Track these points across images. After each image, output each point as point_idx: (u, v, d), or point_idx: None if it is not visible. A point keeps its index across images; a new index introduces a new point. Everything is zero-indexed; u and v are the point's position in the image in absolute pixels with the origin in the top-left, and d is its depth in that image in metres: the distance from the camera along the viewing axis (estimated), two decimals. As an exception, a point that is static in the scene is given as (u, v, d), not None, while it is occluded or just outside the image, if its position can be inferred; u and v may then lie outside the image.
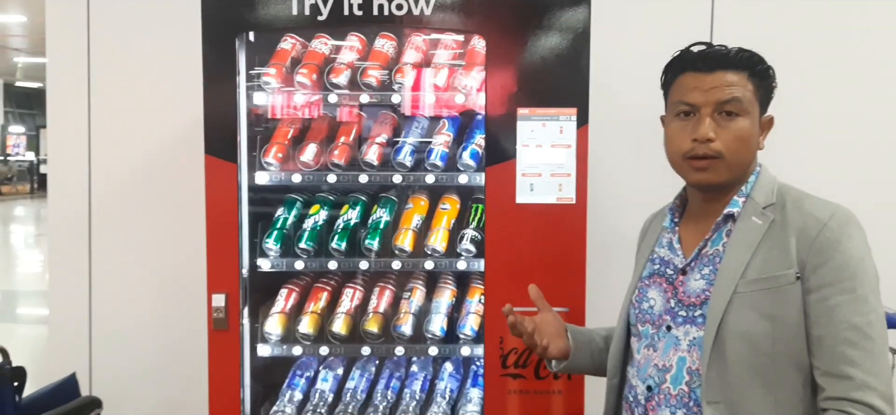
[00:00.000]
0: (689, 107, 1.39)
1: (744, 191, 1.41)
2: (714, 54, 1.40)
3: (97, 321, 3.07)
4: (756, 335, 1.31)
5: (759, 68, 1.39)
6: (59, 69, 3.02)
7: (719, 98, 1.36)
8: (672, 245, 1.49)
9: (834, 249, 1.28)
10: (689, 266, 1.43)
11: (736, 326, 1.32)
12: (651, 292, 1.49)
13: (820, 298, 1.28)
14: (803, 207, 1.34)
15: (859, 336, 1.25)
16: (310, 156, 2.49)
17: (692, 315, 1.39)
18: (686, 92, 1.40)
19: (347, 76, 2.45)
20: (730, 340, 1.32)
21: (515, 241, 2.33)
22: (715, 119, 1.36)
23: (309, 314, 2.56)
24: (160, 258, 3.03)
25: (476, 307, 2.54)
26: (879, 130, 2.92)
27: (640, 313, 1.50)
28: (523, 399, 2.38)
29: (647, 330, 1.47)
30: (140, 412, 3.03)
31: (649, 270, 1.53)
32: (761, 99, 1.41)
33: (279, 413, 2.55)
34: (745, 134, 1.37)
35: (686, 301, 1.41)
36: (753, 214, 1.38)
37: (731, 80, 1.37)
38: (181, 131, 2.96)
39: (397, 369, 2.77)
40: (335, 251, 2.52)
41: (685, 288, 1.42)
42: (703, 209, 1.47)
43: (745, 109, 1.37)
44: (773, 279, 1.31)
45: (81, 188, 3.02)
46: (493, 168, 2.32)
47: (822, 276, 1.28)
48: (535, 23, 2.29)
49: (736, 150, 1.37)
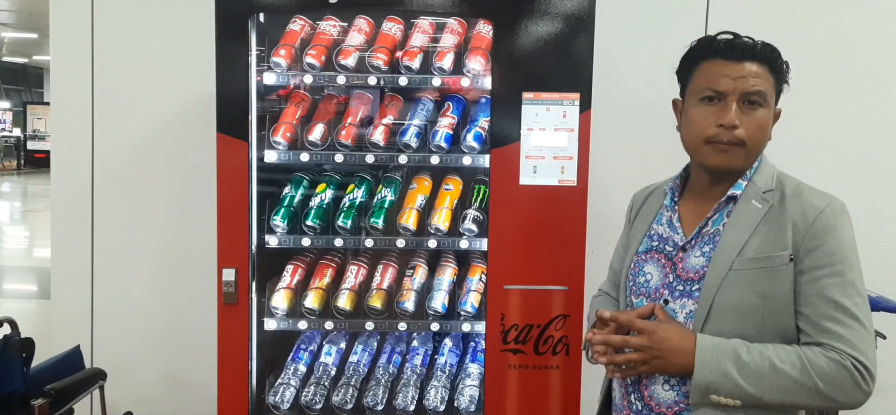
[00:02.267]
0: (716, 93, 1.43)
1: (747, 175, 1.48)
2: (743, 45, 1.44)
3: (99, 296, 3.11)
4: (747, 309, 1.39)
5: (778, 63, 1.46)
6: (62, 45, 3.05)
7: (746, 88, 1.41)
8: (672, 223, 1.55)
9: (828, 235, 1.37)
10: (690, 243, 1.50)
11: (729, 299, 1.40)
12: (648, 267, 1.54)
13: (810, 279, 1.37)
14: (802, 196, 1.42)
15: (846, 315, 1.34)
16: (317, 135, 2.54)
17: (689, 289, 1.46)
18: (714, 79, 1.44)
19: (355, 58, 2.51)
20: (722, 313, 1.40)
21: (518, 221, 2.41)
22: (740, 108, 1.42)
23: (314, 290, 2.62)
24: (162, 234, 3.08)
25: (476, 285, 2.61)
26: (870, 127, 3.02)
27: (636, 286, 1.55)
28: (523, 374, 2.46)
29: (641, 302, 1.53)
30: (141, 385, 3.10)
31: (646, 246, 1.57)
32: (777, 92, 1.47)
33: (284, 386, 2.62)
34: (764, 124, 1.44)
35: (684, 276, 1.47)
36: (754, 198, 1.45)
37: (756, 72, 1.42)
38: (184, 109, 3.00)
39: (398, 344, 2.84)
40: (341, 229, 2.58)
41: (684, 264, 1.48)
42: (706, 191, 1.53)
43: (767, 101, 1.43)
44: (769, 259, 1.39)
45: (85, 164, 3.05)
46: (498, 150, 2.39)
47: (815, 258, 1.37)
48: (541, 9, 2.35)
49: (756, 139, 1.43)
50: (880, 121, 3.03)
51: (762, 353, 1.35)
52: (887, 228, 3.01)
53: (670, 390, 1.45)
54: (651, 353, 1.41)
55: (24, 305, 6.46)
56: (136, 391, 3.05)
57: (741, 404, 1.36)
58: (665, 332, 1.41)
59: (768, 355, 1.35)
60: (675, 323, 1.44)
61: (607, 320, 1.48)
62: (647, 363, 1.42)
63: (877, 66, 3.01)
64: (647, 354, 1.41)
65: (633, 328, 1.44)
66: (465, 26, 2.61)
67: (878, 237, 2.80)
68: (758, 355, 1.35)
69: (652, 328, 1.42)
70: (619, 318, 1.46)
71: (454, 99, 2.64)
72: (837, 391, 1.33)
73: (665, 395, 1.46)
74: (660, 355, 1.40)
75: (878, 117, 3.03)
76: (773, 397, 1.34)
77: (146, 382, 3.10)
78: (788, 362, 1.34)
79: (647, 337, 1.41)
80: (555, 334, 2.44)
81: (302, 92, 2.68)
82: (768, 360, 1.34)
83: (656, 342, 1.40)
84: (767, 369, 1.34)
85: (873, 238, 2.47)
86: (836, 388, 1.33)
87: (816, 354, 1.34)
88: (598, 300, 1.78)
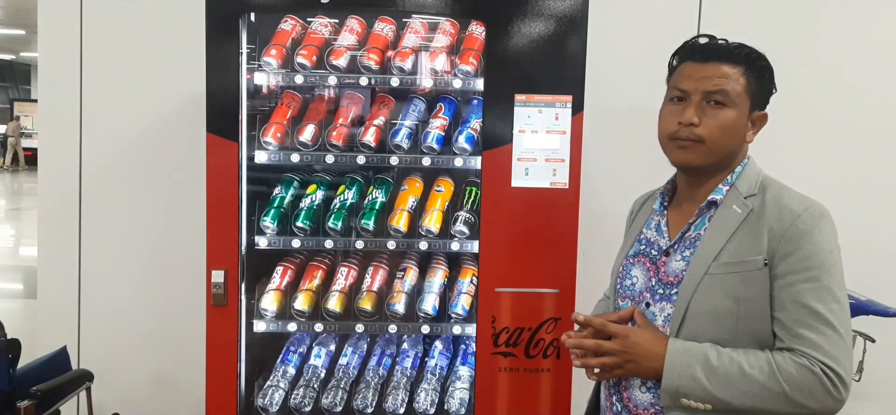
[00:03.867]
0: (682, 92, 1.47)
1: (729, 180, 1.49)
2: (712, 47, 1.47)
3: (86, 296, 3.08)
4: (720, 313, 1.40)
5: (757, 64, 1.46)
6: (50, 42, 3.01)
7: (707, 88, 1.43)
8: (660, 227, 1.57)
9: (803, 239, 1.36)
10: (672, 248, 1.51)
11: (704, 303, 1.41)
12: (635, 271, 1.57)
13: (785, 284, 1.36)
14: (781, 200, 1.42)
15: (819, 322, 1.33)
16: (308, 136, 2.52)
17: (668, 293, 1.48)
18: (681, 79, 1.48)
19: (347, 59, 2.49)
20: (697, 316, 1.41)
21: (510, 223, 2.40)
22: (702, 107, 1.44)
23: (304, 292, 2.61)
24: (151, 234, 3.05)
25: (467, 288, 2.60)
26: (862, 128, 3.03)
27: (622, 289, 1.58)
28: (513, 377, 2.46)
29: (627, 304, 1.55)
30: (129, 386, 3.07)
31: (635, 250, 1.60)
32: (754, 95, 1.47)
33: (272, 388, 2.61)
34: (729, 124, 1.44)
35: (665, 280, 1.49)
36: (734, 203, 1.46)
37: (724, 73, 1.44)
38: (173, 108, 2.98)
39: (388, 347, 2.83)
40: (331, 230, 2.56)
41: (666, 268, 1.50)
42: (687, 194, 1.55)
43: (733, 102, 1.43)
44: (743, 264, 1.39)
45: (72, 163, 3.02)
46: (490, 152, 2.38)
47: (790, 263, 1.36)
48: (533, 10, 2.35)
49: (717, 138, 1.44)
50: (870, 122, 3.03)
51: (732, 358, 1.36)
52: (877, 230, 3.02)
53: (647, 393, 1.47)
54: (624, 356, 1.44)
55: (9, 305, 6.39)
56: (123, 393, 3.02)
57: (712, 409, 1.37)
58: (638, 337, 1.44)
59: (738, 359, 1.35)
60: (650, 327, 1.47)
61: (582, 323, 1.52)
62: (621, 367, 1.46)
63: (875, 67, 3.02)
64: (620, 357, 1.45)
65: (607, 332, 1.48)
66: (457, 27, 2.60)
67: (868, 240, 2.82)
68: (727, 360, 1.36)
69: (625, 333, 1.45)
70: (592, 322, 1.50)
71: (446, 100, 2.63)
72: (806, 398, 1.32)
73: (642, 397, 1.48)
74: (632, 359, 1.43)
75: (869, 118, 3.03)
76: (743, 402, 1.35)
77: (134, 383, 3.08)
78: (757, 367, 1.34)
79: (620, 341, 1.45)
80: (546, 336, 2.44)
81: (293, 92, 2.66)
82: (737, 365, 1.35)
83: (628, 347, 1.44)
84: (736, 374, 1.34)
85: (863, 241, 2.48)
86: (805, 394, 1.32)
87: (786, 359, 1.34)
88: (599, 304, 1.81)
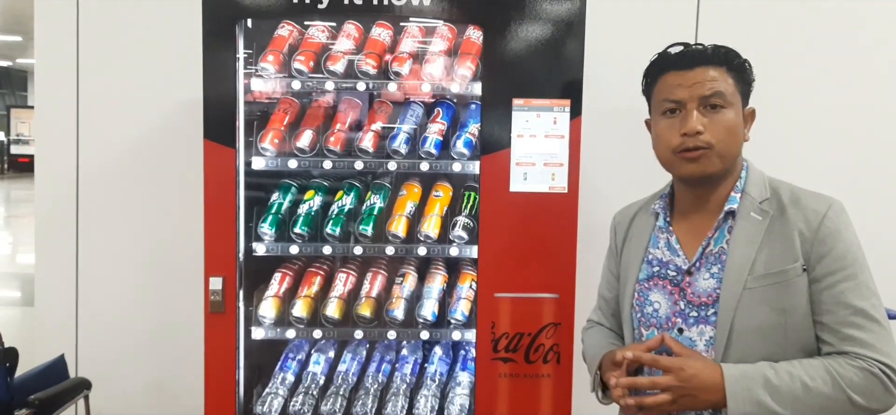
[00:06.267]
0: (675, 103, 1.43)
1: (738, 186, 1.46)
2: (692, 52, 1.45)
3: (84, 304, 3.07)
4: (768, 328, 1.36)
5: (736, 63, 1.45)
6: (47, 48, 3.00)
7: (702, 92, 1.41)
8: (671, 246, 1.51)
9: (835, 238, 1.35)
10: (695, 266, 1.46)
11: (749, 320, 1.36)
12: (654, 295, 1.50)
13: (826, 286, 1.35)
14: (800, 202, 1.40)
15: (865, 319, 1.33)
16: (306, 142, 2.51)
17: (705, 315, 1.42)
18: (670, 90, 1.44)
19: (344, 64, 2.49)
20: (743, 335, 1.37)
21: (508, 228, 2.39)
22: (701, 112, 1.41)
23: (302, 298, 2.60)
24: (148, 242, 3.04)
25: (466, 293, 2.59)
26: (862, 123, 3.01)
27: (644, 317, 1.51)
28: (513, 382, 2.45)
29: (652, 333, 1.49)
30: (127, 394, 3.05)
31: (647, 272, 1.53)
32: (742, 92, 1.46)
33: (271, 395, 2.59)
34: (731, 124, 1.42)
35: (696, 301, 1.43)
36: (752, 211, 1.43)
37: (712, 75, 1.42)
38: (170, 114, 2.97)
39: (388, 353, 2.82)
40: (329, 236, 2.55)
41: (693, 288, 1.44)
42: (694, 205, 1.50)
43: (729, 101, 1.42)
44: (782, 274, 1.36)
45: (69, 171, 3.01)
46: (488, 157, 2.37)
47: (827, 265, 1.35)
48: (531, 15, 2.34)
49: (725, 140, 1.41)
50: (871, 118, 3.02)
51: (791, 373, 1.31)
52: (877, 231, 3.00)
53: None
54: (680, 391, 1.34)
55: (7, 313, 6.37)
56: (121, 401, 3.01)
57: None
58: (692, 368, 1.34)
59: (798, 374, 1.31)
60: (698, 355, 1.39)
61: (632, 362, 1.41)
62: (675, 402, 1.35)
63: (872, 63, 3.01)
64: (675, 393, 1.35)
65: (658, 367, 1.37)
66: (454, 32, 2.59)
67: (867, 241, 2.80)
68: (787, 377, 1.31)
69: (679, 366, 1.35)
70: (643, 359, 1.40)
71: (444, 105, 2.63)
72: (870, 400, 1.31)
73: None
74: (689, 392, 1.34)
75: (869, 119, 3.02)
76: None
77: (132, 391, 3.06)
78: (820, 379, 1.31)
79: (674, 376, 1.34)
80: (545, 342, 2.43)
81: (290, 98, 2.65)
82: (799, 380, 1.31)
83: (685, 380, 1.34)
84: (800, 390, 1.30)
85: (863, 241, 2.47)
86: (868, 397, 1.31)
87: (844, 365, 1.31)
88: (592, 333, 1.72)
